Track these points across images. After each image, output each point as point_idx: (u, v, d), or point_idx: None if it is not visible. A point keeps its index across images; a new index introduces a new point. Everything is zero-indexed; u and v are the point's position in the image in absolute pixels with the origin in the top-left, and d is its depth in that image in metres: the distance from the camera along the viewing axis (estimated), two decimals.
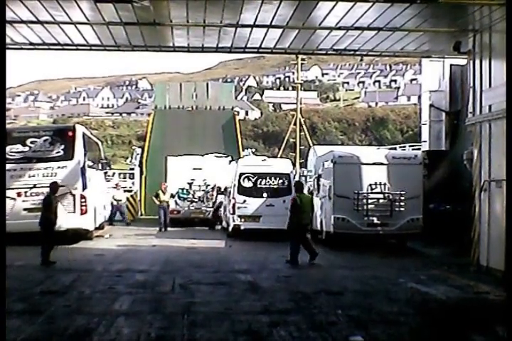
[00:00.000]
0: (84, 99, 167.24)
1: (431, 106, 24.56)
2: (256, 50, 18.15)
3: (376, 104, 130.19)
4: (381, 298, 11.82)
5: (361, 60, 23.23)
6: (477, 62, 16.44)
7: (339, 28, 16.13)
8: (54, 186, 16.69)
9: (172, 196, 27.48)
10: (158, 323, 9.46)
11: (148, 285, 12.75)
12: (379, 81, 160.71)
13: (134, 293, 11.87)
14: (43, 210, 16.08)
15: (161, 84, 50.42)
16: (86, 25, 16.20)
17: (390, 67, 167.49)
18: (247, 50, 18.28)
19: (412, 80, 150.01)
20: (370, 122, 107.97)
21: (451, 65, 23.69)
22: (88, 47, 18.19)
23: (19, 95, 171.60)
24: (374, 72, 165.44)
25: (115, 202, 29.19)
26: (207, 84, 41.51)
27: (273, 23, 15.74)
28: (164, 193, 26.76)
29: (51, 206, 16.05)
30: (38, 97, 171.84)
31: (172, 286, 12.67)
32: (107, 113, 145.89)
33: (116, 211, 29.31)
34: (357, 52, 18.57)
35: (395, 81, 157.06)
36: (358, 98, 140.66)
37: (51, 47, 18.06)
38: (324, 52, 18.61)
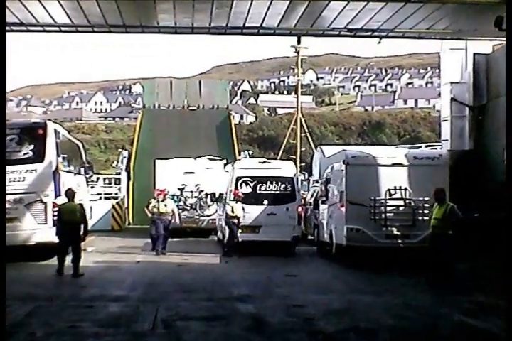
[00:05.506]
0: (77, 104, 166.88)
1: (452, 100, 22.09)
2: (256, 30, 15.31)
3: (372, 107, 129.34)
4: (428, 338, 8.98)
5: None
6: None
7: None
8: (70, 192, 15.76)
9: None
10: None
11: (123, 322, 9.80)
12: (375, 85, 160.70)
13: (102, 334, 8.95)
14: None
15: (149, 82, 47.65)
16: None
17: (386, 70, 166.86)
18: (245, 30, 15.46)
19: (408, 84, 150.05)
20: (367, 126, 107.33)
21: (474, 54, 21.36)
22: (57, 28, 15.50)
23: (11, 100, 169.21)
24: (370, 76, 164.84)
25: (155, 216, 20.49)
26: (199, 82, 38.75)
27: None
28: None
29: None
30: (30, 102, 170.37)
31: (153, 323, 9.71)
32: (99, 117, 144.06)
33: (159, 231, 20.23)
34: (375, 33, 15.83)
35: (391, 85, 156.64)
36: (354, 102, 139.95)
37: (13, 28, 15.26)
38: (337, 32, 15.77)
